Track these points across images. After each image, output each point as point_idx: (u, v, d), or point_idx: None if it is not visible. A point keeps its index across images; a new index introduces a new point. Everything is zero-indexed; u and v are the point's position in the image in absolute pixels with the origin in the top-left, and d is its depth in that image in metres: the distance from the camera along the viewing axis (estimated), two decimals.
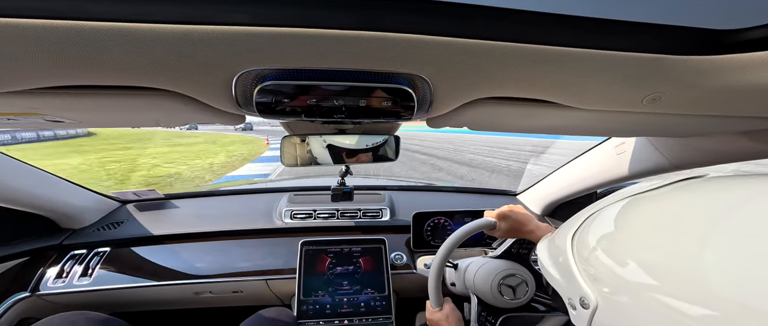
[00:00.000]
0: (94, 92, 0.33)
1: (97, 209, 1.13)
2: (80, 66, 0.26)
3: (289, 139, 0.81)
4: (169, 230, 1.11)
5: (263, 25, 0.23)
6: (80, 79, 0.29)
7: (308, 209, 1.20)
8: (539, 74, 0.32)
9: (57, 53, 0.24)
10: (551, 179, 1.29)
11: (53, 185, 0.99)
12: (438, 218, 1.16)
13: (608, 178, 0.99)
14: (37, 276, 0.94)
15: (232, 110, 0.40)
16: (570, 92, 0.37)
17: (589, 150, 1.07)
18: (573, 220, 0.42)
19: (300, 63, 0.29)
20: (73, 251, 1.01)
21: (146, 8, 0.21)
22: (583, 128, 0.60)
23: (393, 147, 0.88)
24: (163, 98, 0.36)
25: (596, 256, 0.34)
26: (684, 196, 0.32)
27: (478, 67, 0.31)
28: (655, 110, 0.41)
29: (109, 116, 0.44)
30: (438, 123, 0.52)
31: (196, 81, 0.32)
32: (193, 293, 1.02)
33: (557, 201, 1.27)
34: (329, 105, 0.38)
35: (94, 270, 0.97)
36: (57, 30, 0.21)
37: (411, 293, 1.16)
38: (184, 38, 0.24)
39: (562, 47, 0.27)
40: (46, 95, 0.32)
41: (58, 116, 0.40)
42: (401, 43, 0.26)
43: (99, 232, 1.08)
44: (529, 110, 0.45)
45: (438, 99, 0.39)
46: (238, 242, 1.10)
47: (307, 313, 0.97)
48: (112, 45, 0.24)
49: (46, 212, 0.99)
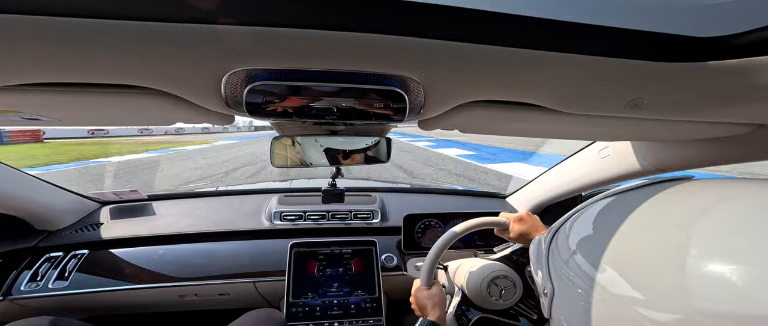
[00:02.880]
0: (77, 90, 0.32)
1: (75, 210, 1.09)
2: (62, 63, 0.25)
3: (279, 140, 0.79)
4: (151, 231, 1.07)
5: (253, 25, 0.23)
6: (62, 77, 0.28)
7: (298, 211, 1.18)
8: (527, 78, 0.33)
9: (37, 49, 0.23)
10: (539, 181, 1.32)
11: (27, 185, 0.95)
12: (429, 220, 1.16)
13: (592, 181, 1.03)
14: (9, 279, 0.90)
15: (221, 110, 0.39)
16: (556, 96, 0.38)
17: (575, 154, 1.10)
18: (559, 221, 0.44)
19: (291, 63, 0.29)
20: (49, 253, 0.97)
21: (130, 4, 0.20)
22: (568, 132, 0.62)
23: (385, 149, 0.88)
24: (149, 97, 0.35)
25: (561, 251, 0.38)
26: (647, 197, 0.35)
27: (469, 71, 0.31)
28: (637, 114, 0.42)
29: (92, 115, 0.43)
30: (430, 125, 0.53)
31: (184, 80, 0.31)
32: (177, 296, 0.99)
33: (544, 203, 1.30)
34: (321, 106, 0.37)
35: (71, 273, 0.93)
36: (38, 24, 0.20)
37: (402, 294, 1.16)
38: (171, 36, 0.23)
39: (547, 51, 0.27)
40: (26, 92, 0.30)
41: (36, 113, 0.38)
42: (394, 45, 0.26)
43: (76, 234, 1.04)
44: (519, 113, 0.46)
45: (430, 101, 0.39)
46: (226, 244, 1.08)
47: (297, 315, 0.96)
48: (96, 42, 0.23)
49: (19, 212, 0.95)
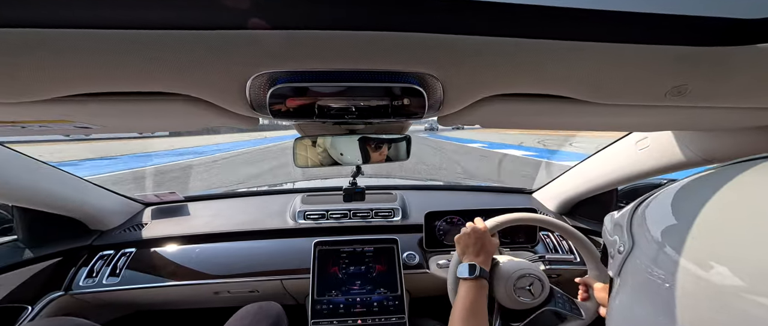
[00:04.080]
0: (119, 99, 0.35)
1: (123, 211, 1.19)
2: (107, 73, 0.28)
3: (301, 141, 0.82)
4: (188, 231, 1.14)
5: (273, 28, 0.23)
6: (106, 87, 0.30)
7: (321, 210, 1.21)
8: (555, 70, 0.31)
9: (86, 61, 0.25)
10: (568, 176, 1.25)
11: (83, 188, 1.04)
12: (451, 217, 1.15)
13: (630, 174, 0.96)
14: (70, 275, 0.99)
15: (246, 113, 0.41)
16: (588, 87, 0.36)
17: (609, 146, 1.03)
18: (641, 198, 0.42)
19: (310, 65, 0.30)
20: (102, 251, 1.06)
21: (165, 14, 0.22)
22: (601, 124, 0.58)
23: (404, 147, 0.88)
24: (182, 103, 0.37)
25: (650, 214, 0.35)
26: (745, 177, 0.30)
27: (490, 65, 0.30)
28: (679, 103, 0.40)
29: (133, 122, 0.47)
30: (449, 121, 0.52)
31: (213, 85, 0.33)
32: (212, 292, 1.05)
33: (575, 198, 1.23)
34: (340, 106, 0.38)
35: (121, 270, 1.01)
36: (87, 38, 0.22)
37: (424, 293, 1.15)
38: (200, 43, 0.24)
39: (579, 41, 0.26)
40: (76, 102, 0.34)
41: (86, 122, 0.43)
42: (411, 42, 0.26)
43: (125, 233, 1.13)
44: (544, 106, 0.44)
45: (449, 97, 0.39)
46: (254, 243, 1.13)
47: (322, 312, 0.98)
48: (135, 51, 0.25)
49: (77, 214, 1.05)
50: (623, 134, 0.96)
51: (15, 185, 0.82)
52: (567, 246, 1.18)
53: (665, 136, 0.79)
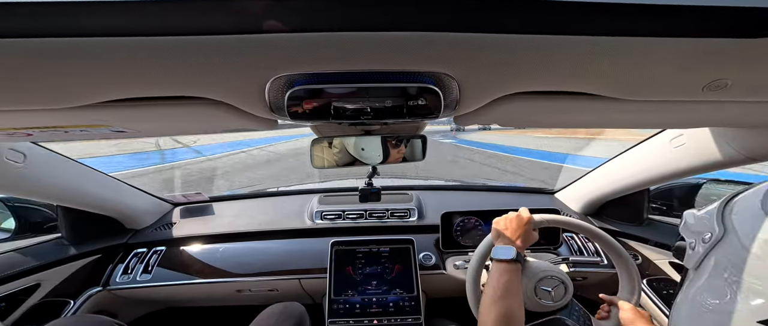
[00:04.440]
0: (149, 104, 0.38)
1: (154, 211, 1.26)
2: (140, 79, 0.30)
3: (317, 142, 0.84)
4: (213, 230, 1.19)
5: (290, 31, 0.24)
6: (139, 92, 0.33)
7: (337, 210, 1.23)
8: (582, 66, 0.30)
9: (122, 68, 0.27)
10: (594, 175, 1.19)
11: (120, 189, 1.12)
12: (468, 217, 1.13)
13: (664, 172, 0.90)
14: (107, 271, 1.06)
15: (266, 115, 0.43)
16: (617, 84, 0.34)
17: (639, 144, 0.98)
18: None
19: (326, 66, 0.31)
20: (136, 249, 1.12)
21: (193, 20, 0.23)
22: (631, 121, 0.56)
23: (420, 147, 0.88)
24: (205, 106, 0.39)
25: (743, 203, 0.36)
26: None
27: (509, 62, 0.30)
28: (718, 98, 0.37)
29: (162, 126, 0.50)
30: (466, 121, 0.51)
31: (234, 88, 0.34)
32: (235, 291, 1.08)
33: (601, 199, 1.18)
34: (355, 107, 0.38)
35: (153, 267, 1.06)
36: (123, 46, 0.24)
37: (440, 293, 1.14)
38: (223, 47, 0.25)
39: (608, 37, 0.25)
40: (111, 107, 0.37)
41: (121, 126, 0.46)
42: (425, 41, 0.26)
43: (156, 232, 1.19)
44: (568, 103, 0.42)
45: (466, 96, 0.38)
46: (274, 243, 1.16)
47: (338, 312, 0.99)
48: (166, 57, 0.26)
49: (114, 214, 1.12)
50: (654, 131, 0.91)
51: (60, 186, 0.89)
52: (593, 248, 1.12)
53: (702, 133, 0.74)
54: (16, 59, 0.25)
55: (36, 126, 0.42)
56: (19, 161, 0.73)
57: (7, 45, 0.22)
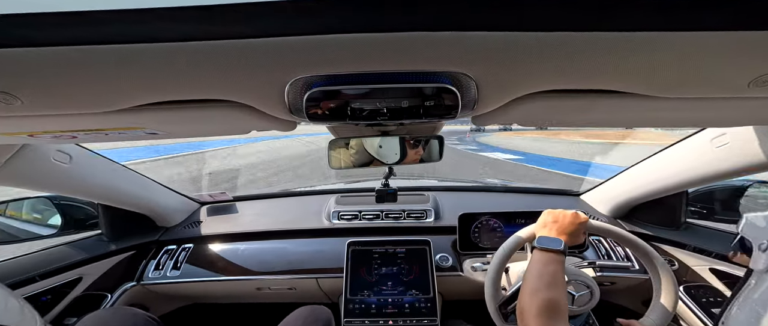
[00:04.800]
0: (180, 107, 0.40)
1: (183, 209, 1.32)
2: (173, 83, 0.32)
3: (334, 143, 0.85)
4: (235, 229, 1.24)
5: (308, 34, 0.25)
6: (171, 95, 0.35)
7: (354, 211, 1.24)
8: (612, 64, 0.28)
9: (158, 73, 0.29)
10: (624, 177, 1.13)
11: (152, 188, 1.18)
12: (486, 219, 1.10)
13: (705, 174, 0.85)
14: (141, 267, 1.12)
15: (285, 117, 0.44)
16: (652, 81, 0.32)
17: (675, 144, 0.92)
18: None
19: (343, 68, 0.31)
20: (167, 246, 1.18)
21: (221, 24, 0.24)
22: (667, 119, 0.52)
23: (437, 148, 0.87)
24: (230, 109, 0.41)
25: None
26: None
27: (531, 61, 0.29)
28: (766, 94, 0.34)
29: (191, 128, 0.53)
30: (484, 121, 0.50)
31: (257, 91, 0.35)
32: (255, 288, 1.11)
33: (633, 202, 1.12)
34: (372, 107, 0.39)
35: (182, 264, 1.12)
36: (159, 52, 0.26)
37: (457, 295, 1.12)
38: (246, 51, 0.27)
39: (645, 32, 0.23)
40: (146, 111, 0.39)
41: (154, 129, 0.49)
42: (442, 41, 0.26)
43: (184, 230, 1.25)
44: (595, 101, 0.40)
45: (484, 96, 0.37)
46: (293, 242, 1.19)
47: (354, 312, 1.00)
48: (197, 62, 0.28)
49: (148, 212, 1.19)
50: (690, 130, 0.85)
51: (101, 185, 0.96)
52: (623, 252, 1.06)
53: (747, 132, 0.69)
54: (64, 67, 0.27)
55: (80, 129, 0.46)
56: (65, 162, 0.80)
57: (56, 53, 0.25)
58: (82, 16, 0.22)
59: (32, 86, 0.30)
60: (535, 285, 0.58)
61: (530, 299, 0.56)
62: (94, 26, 0.23)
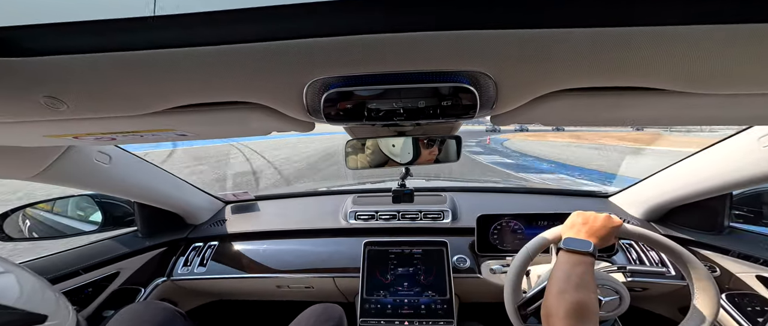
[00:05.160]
0: (207, 109, 0.42)
1: (210, 208, 1.38)
2: (202, 86, 0.34)
3: (351, 143, 0.86)
4: (257, 228, 1.27)
5: (327, 35, 0.25)
6: (200, 98, 0.37)
7: (371, 211, 1.24)
8: (647, 59, 0.27)
9: (189, 76, 0.31)
10: (659, 179, 1.07)
11: (183, 187, 1.23)
12: (507, 221, 1.07)
13: (752, 176, 0.79)
14: (171, 263, 1.18)
15: (303, 118, 0.45)
16: (692, 77, 0.30)
17: (717, 144, 0.86)
18: None
19: (359, 69, 0.31)
20: (195, 243, 1.23)
21: (247, 28, 0.25)
22: (708, 118, 0.49)
23: (454, 148, 0.86)
24: (251, 110, 0.43)
25: None
26: None
27: (554, 59, 0.27)
28: None
29: (217, 129, 0.55)
30: (504, 120, 0.49)
31: (276, 93, 0.37)
32: (275, 286, 1.14)
33: (670, 204, 1.05)
34: (388, 108, 0.39)
35: (207, 261, 1.16)
36: (190, 56, 0.28)
37: (475, 298, 1.10)
38: (267, 53, 0.28)
39: (685, 26, 0.22)
40: (176, 113, 0.42)
41: (183, 130, 0.52)
42: (460, 40, 0.25)
43: (211, 228, 1.30)
44: (625, 99, 0.38)
45: (503, 96, 0.36)
46: (311, 241, 1.21)
47: (370, 312, 1.00)
48: (223, 65, 0.29)
49: (178, 210, 1.24)
50: (736, 129, 0.79)
51: (138, 184, 1.02)
52: (657, 258, 1.00)
53: None
54: (106, 72, 0.30)
55: (118, 131, 0.50)
56: (105, 162, 0.86)
57: (98, 59, 0.27)
58: (125, 24, 0.24)
59: (77, 90, 0.33)
60: (563, 286, 0.56)
61: (557, 300, 0.54)
62: (136, 33, 0.25)
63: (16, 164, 0.67)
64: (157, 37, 0.25)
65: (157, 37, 0.25)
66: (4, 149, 0.61)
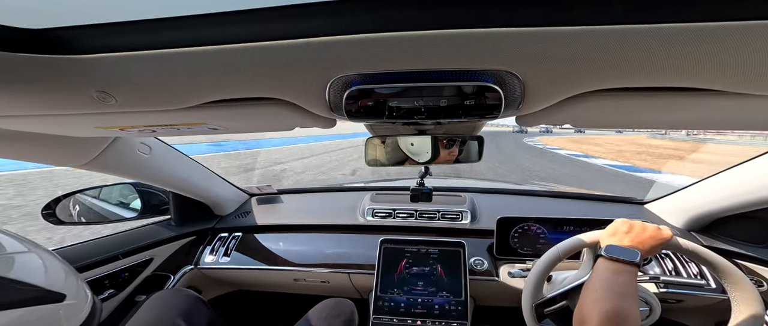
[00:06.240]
0: (236, 104, 0.45)
1: (235, 200, 1.43)
2: (233, 82, 0.36)
3: (371, 140, 0.87)
4: (278, 221, 1.31)
5: (349, 34, 0.26)
6: (231, 94, 0.39)
7: (388, 209, 1.25)
8: (689, 58, 0.25)
9: (224, 71, 0.33)
10: (704, 187, 1.00)
11: (212, 178, 1.29)
12: (529, 224, 1.03)
13: None
14: (198, 251, 1.23)
15: (326, 114, 0.46)
16: (743, 77, 0.28)
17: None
18: None
19: (382, 67, 0.32)
20: (220, 234, 1.28)
21: (275, 26, 0.26)
22: (755, 121, 0.44)
23: (476, 148, 0.84)
24: (276, 106, 0.44)
25: None
26: None
27: (587, 58, 0.26)
28: None
29: (244, 124, 0.58)
30: (530, 121, 0.47)
31: (300, 89, 0.38)
32: (292, 279, 1.17)
33: (717, 214, 0.98)
34: (409, 106, 0.39)
35: (231, 251, 1.21)
36: (224, 53, 0.29)
37: (491, 301, 1.07)
38: (292, 51, 0.29)
39: (737, 22, 0.20)
40: (208, 108, 0.45)
41: (214, 124, 0.55)
42: (484, 38, 0.24)
43: (236, 219, 1.35)
44: (666, 100, 0.35)
45: (530, 95, 0.35)
46: (328, 236, 1.23)
47: (383, 309, 1.00)
48: (253, 62, 0.31)
49: (207, 201, 1.30)
50: None
51: (175, 175, 1.08)
52: (696, 270, 0.92)
53: None
54: (152, 69, 0.32)
55: (158, 124, 0.54)
56: (146, 153, 0.93)
57: (145, 57, 0.30)
58: (172, 22, 0.26)
59: (125, 86, 0.36)
60: (602, 294, 0.53)
61: (592, 305, 0.52)
62: (182, 31, 0.27)
63: (69, 153, 0.74)
64: (199, 35, 0.27)
65: (199, 36, 0.27)
66: (59, 139, 0.68)
